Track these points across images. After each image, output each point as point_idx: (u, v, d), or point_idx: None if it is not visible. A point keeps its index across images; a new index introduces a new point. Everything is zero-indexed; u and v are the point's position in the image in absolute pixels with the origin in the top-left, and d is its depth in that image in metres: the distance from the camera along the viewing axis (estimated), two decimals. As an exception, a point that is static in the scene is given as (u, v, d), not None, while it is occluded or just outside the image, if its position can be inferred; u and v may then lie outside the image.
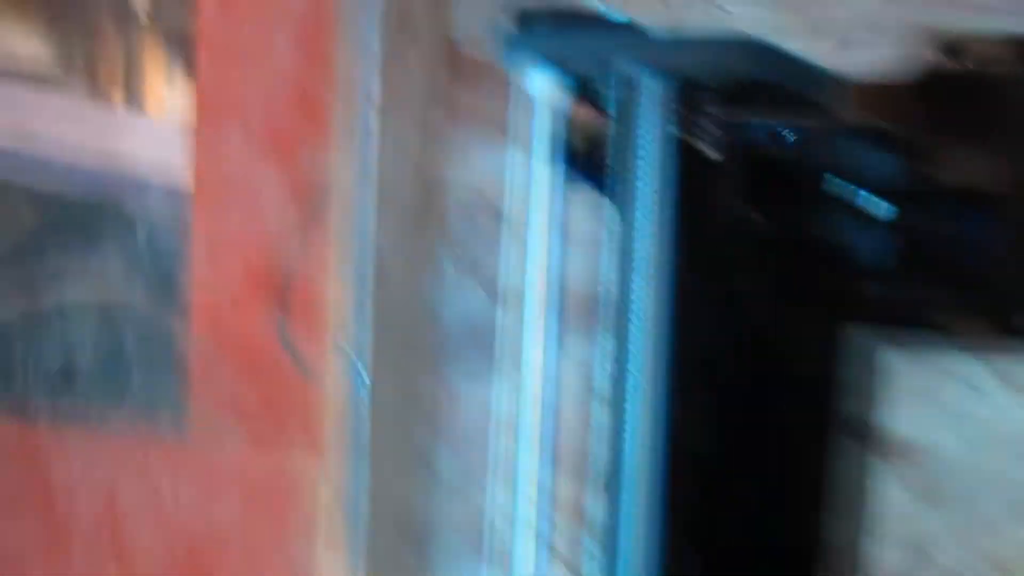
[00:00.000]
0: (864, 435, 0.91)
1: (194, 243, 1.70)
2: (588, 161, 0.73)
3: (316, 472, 1.59)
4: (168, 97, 2.38)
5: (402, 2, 1.38)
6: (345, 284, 1.34)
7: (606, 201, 0.80)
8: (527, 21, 0.63)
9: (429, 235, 1.57)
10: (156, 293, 1.82)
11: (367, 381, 1.36)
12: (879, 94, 0.79)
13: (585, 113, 0.72)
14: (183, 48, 1.80)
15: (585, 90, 0.70)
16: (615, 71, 0.64)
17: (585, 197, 0.81)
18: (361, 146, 1.32)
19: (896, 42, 1.12)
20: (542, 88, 0.63)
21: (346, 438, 1.38)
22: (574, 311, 1.23)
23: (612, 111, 0.70)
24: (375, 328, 1.36)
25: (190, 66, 1.77)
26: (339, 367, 1.37)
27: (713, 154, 0.77)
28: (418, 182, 1.49)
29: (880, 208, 0.77)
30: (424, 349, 1.57)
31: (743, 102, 0.72)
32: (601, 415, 0.83)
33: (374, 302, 1.36)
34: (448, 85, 1.58)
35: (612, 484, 0.82)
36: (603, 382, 0.84)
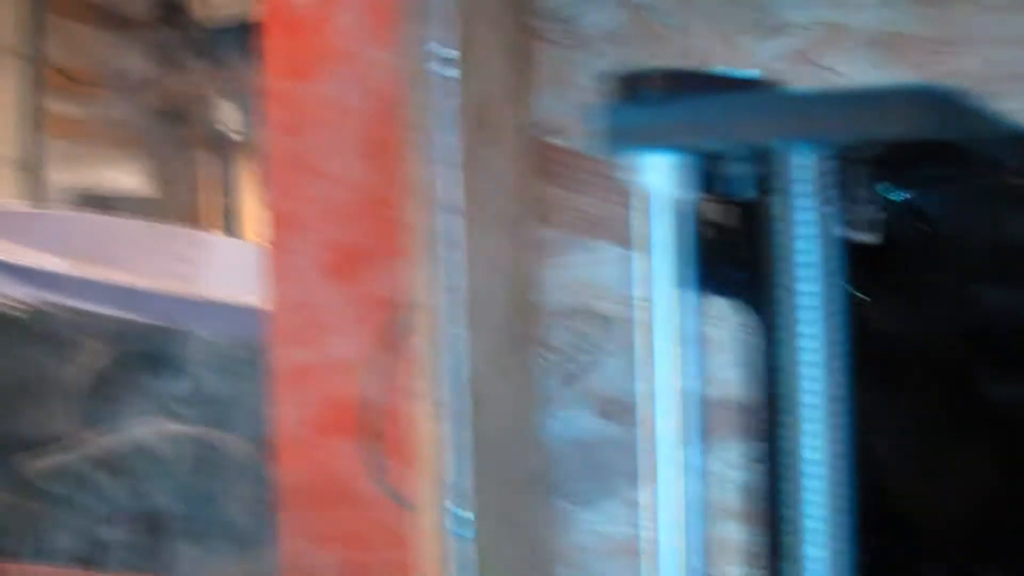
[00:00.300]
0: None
1: (273, 370, 1.62)
2: (721, 259, 0.58)
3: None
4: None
5: (481, 97, 1.27)
6: (437, 410, 1.21)
7: (740, 302, 0.66)
8: (633, 88, 0.49)
9: (527, 349, 1.44)
10: (238, 424, 1.75)
11: (469, 515, 1.23)
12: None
13: (713, 202, 0.57)
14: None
15: (711, 172, 0.55)
16: (753, 143, 0.50)
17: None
18: (445, 258, 1.20)
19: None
20: (658, 174, 0.49)
21: (448, 573, 1.24)
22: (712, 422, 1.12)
23: (750, 195, 0.55)
24: (475, 456, 1.23)
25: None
26: (438, 500, 1.23)
27: (870, 237, 0.62)
28: (511, 292, 1.36)
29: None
30: (529, 475, 1.43)
31: (912, 168, 0.57)
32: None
33: (472, 428, 1.23)
34: (537, 182, 1.46)
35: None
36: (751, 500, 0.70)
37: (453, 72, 1.22)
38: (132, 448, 1.78)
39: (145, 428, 1.77)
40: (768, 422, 0.71)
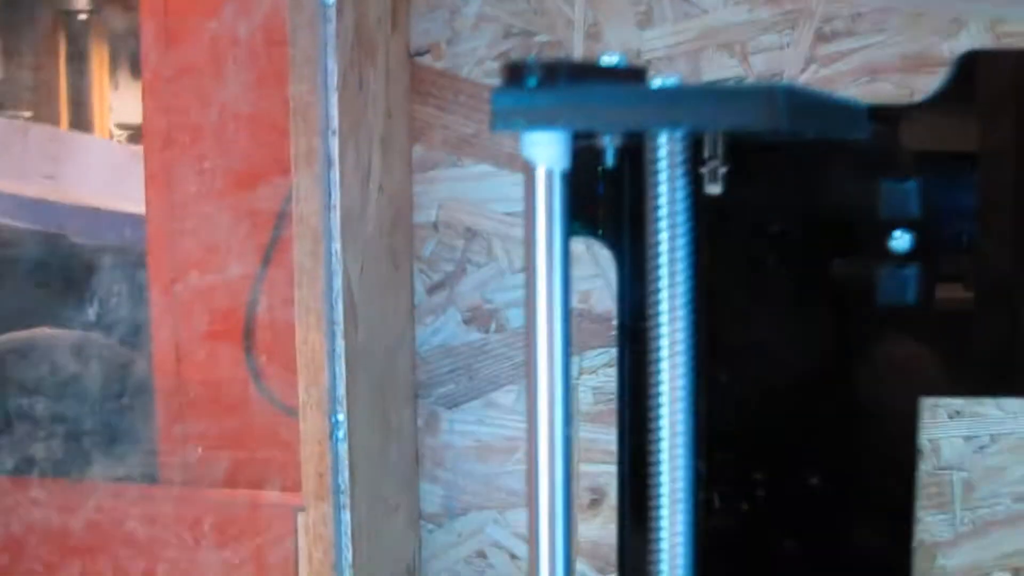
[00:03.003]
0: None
1: (154, 279, 1.65)
2: (587, 210, 0.68)
3: (296, 511, 1.54)
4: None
5: (358, 21, 1.32)
6: (317, 321, 1.28)
7: (603, 241, 0.75)
8: (516, 75, 0.57)
9: (401, 262, 1.51)
10: (118, 331, 1.77)
11: (343, 417, 1.31)
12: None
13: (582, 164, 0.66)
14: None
15: (585, 143, 0.65)
16: (619, 127, 0.59)
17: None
18: (322, 176, 1.26)
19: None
20: (538, 146, 0.57)
21: (326, 475, 1.32)
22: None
23: (614, 165, 0.64)
24: (350, 364, 1.30)
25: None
26: (315, 403, 1.31)
27: (714, 189, 0.72)
28: (386, 208, 1.43)
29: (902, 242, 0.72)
30: (400, 380, 1.52)
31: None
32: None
33: (346, 337, 1.30)
34: (409, 102, 1.53)
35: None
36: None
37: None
38: (9, 352, 1.80)
39: (23, 333, 1.79)
40: (625, 338, 0.81)
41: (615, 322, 1.49)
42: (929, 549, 1.49)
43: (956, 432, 1.48)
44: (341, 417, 1.29)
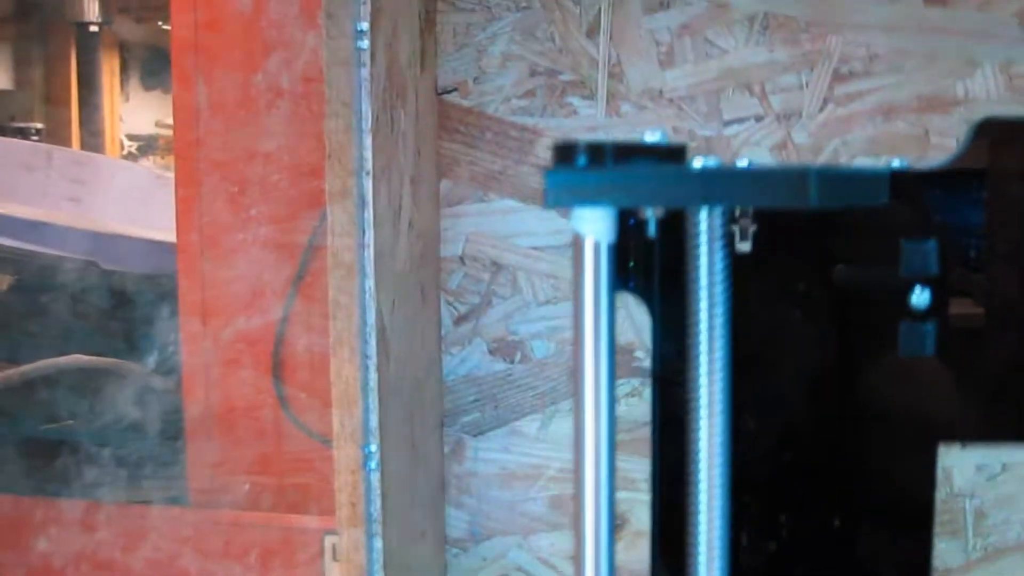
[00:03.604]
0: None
1: (181, 304, 1.70)
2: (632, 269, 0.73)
3: (325, 535, 1.58)
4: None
5: (390, 63, 1.36)
6: (349, 351, 1.32)
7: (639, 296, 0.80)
8: (566, 155, 0.61)
9: (429, 295, 1.56)
10: (147, 357, 1.81)
11: (375, 447, 1.35)
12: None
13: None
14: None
15: (631, 217, 0.69)
16: (663, 203, 0.63)
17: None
18: (356, 215, 1.31)
19: None
20: (587, 221, 0.61)
21: (359, 504, 1.36)
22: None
23: (658, 236, 0.69)
24: (382, 395, 1.35)
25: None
26: (348, 434, 1.35)
27: (744, 247, 0.77)
28: (415, 243, 1.47)
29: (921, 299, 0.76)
30: (428, 409, 1.56)
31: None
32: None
33: (379, 369, 1.34)
34: (437, 139, 1.57)
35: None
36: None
37: (365, 43, 1.32)
38: (42, 379, 1.84)
39: (52, 360, 1.83)
40: (658, 384, 0.85)
41: (636, 352, 1.54)
42: (941, 575, 1.53)
43: (968, 460, 1.52)
44: (374, 448, 1.33)
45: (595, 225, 0.63)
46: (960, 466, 1.52)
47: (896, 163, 0.80)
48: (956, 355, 0.81)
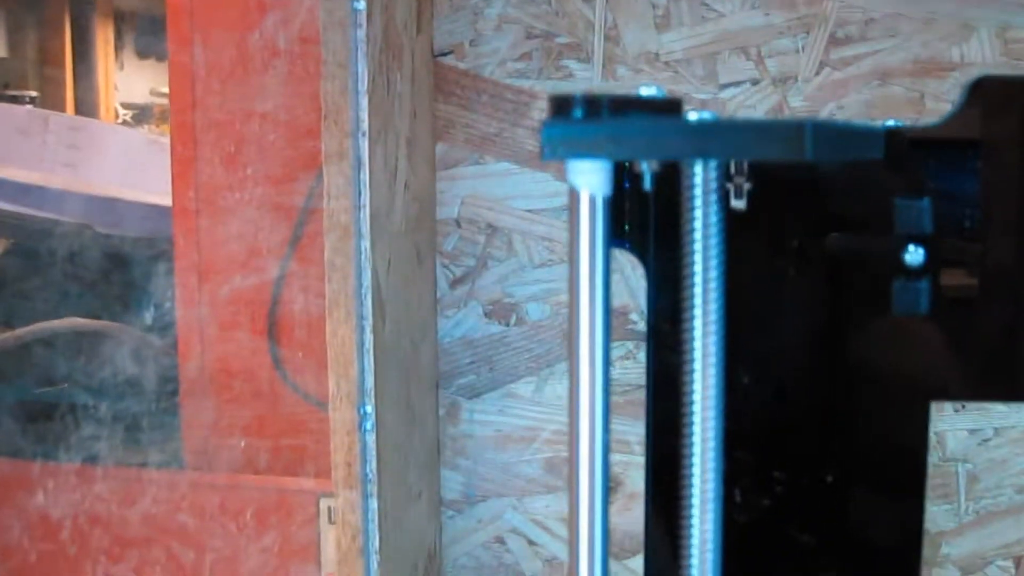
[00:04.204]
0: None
1: (177, 267, 1.69)
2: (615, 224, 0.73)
3: (320, 497, 1.59)
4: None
5: (386, 23, 1.36)
6: (344, 312, 1.33)
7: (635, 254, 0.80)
8: (563, 107, 0.61)
9: (426, 257, 1.56)
10: (145, 319, 1.81)
11: (371, 408, 1.35)
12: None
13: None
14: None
15: (626, 171, 0.70)
16: (658, 157, 0.63)
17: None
18: (352, 174, 1.31)
19: None
20: (582, 174, 0.62)
21: (355, 465, 1.37)
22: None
23: (654, 191, 0.70)
24: (377, 356, 1.35)
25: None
26: (344, 395, 1.36)
27: (739, 204, 0.77)
28: (411, 205, 1.47)
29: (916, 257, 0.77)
30: (424, 371, 1.57)
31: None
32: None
33: (374, 328, 1.35)
34: (433, 101, 1.57)
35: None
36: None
37: (361, 4, 1.31)
38: (37, 341, 1.84)
39: (52, 323, 1.83)
40: (653, 340, 0.86)
41: (631, 316, 1.54)
42: (934, 538, 1.54)
43: (961, 425, 1.53)
44: (369, 409, 1.33)
45: (590, 178, 0.63)
46: (953, 430, 1.53)
47: (892, 123, 0.80)
48: (947, 315, 0.82)
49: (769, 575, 0.87)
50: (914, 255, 0.79)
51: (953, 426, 1.53)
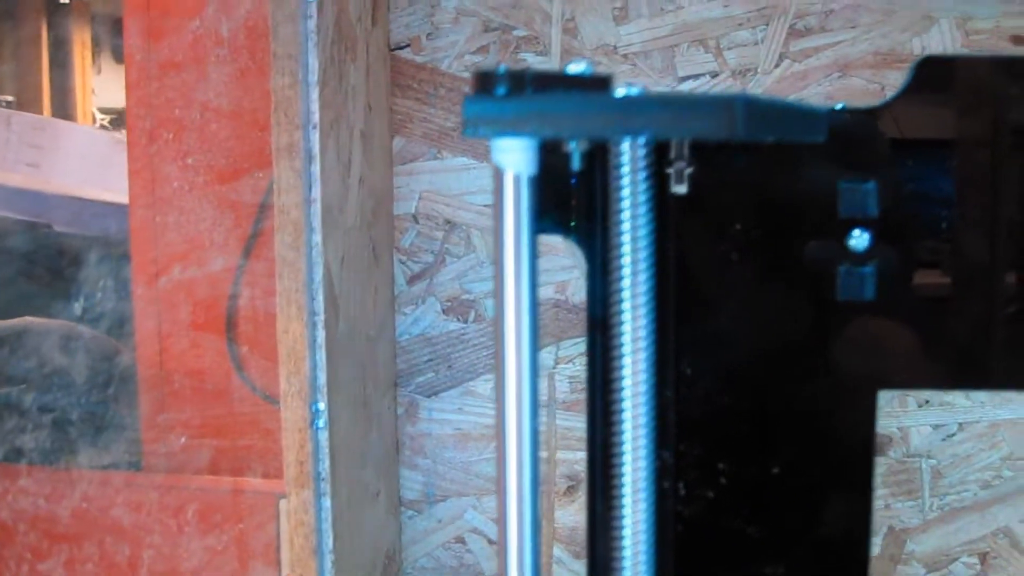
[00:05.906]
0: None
1: (134, 266, 1.67)
2: (558, 208, 0.71)
3: (278, 498, 1.56)
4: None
5: (339, 15, 1.34)
6: (296, 307, 1.30)
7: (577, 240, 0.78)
8: (486, 84, 0.59)
9: (381, 253, 1.54)
10: (103, 319, 1.79)
11: (324, 405, 1.33)
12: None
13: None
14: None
15: (552, 149, 0.67)
16: (583, 135, 0.61)
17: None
18: (303, 171, 1.28)
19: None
20: (506, 152, 0.59)
21: (307, 463, 1.35)
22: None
23: (580, 168, 0.67)
24: (330, 353, 1.33)
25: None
26: (296, 392, 1.33)
27: (680, 189, 0.75)
28: (366, 200, 1.45)
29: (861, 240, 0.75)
30: (381, 367, 1.54)
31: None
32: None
33: (326, 324, 1.33)
34: (389, 95, 1.55)
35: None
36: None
37: (312, -6, 1.29)
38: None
39: (8, 322, 1.81)
40: (595, 330, 0.83)
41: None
42: (898, 535, 1.53)
43: (925, 420, 1.51)
44: (322, 406, 1.31)
45: (515, 156, 0.61)
46: (917, 426, 1.51)
47: (839, 106, 0.79)
48: (891, 300, 0.80)
49: (715, 568, 0.85)
50: (859, 240, 0.77)
51: (917, 422, 1.51)
